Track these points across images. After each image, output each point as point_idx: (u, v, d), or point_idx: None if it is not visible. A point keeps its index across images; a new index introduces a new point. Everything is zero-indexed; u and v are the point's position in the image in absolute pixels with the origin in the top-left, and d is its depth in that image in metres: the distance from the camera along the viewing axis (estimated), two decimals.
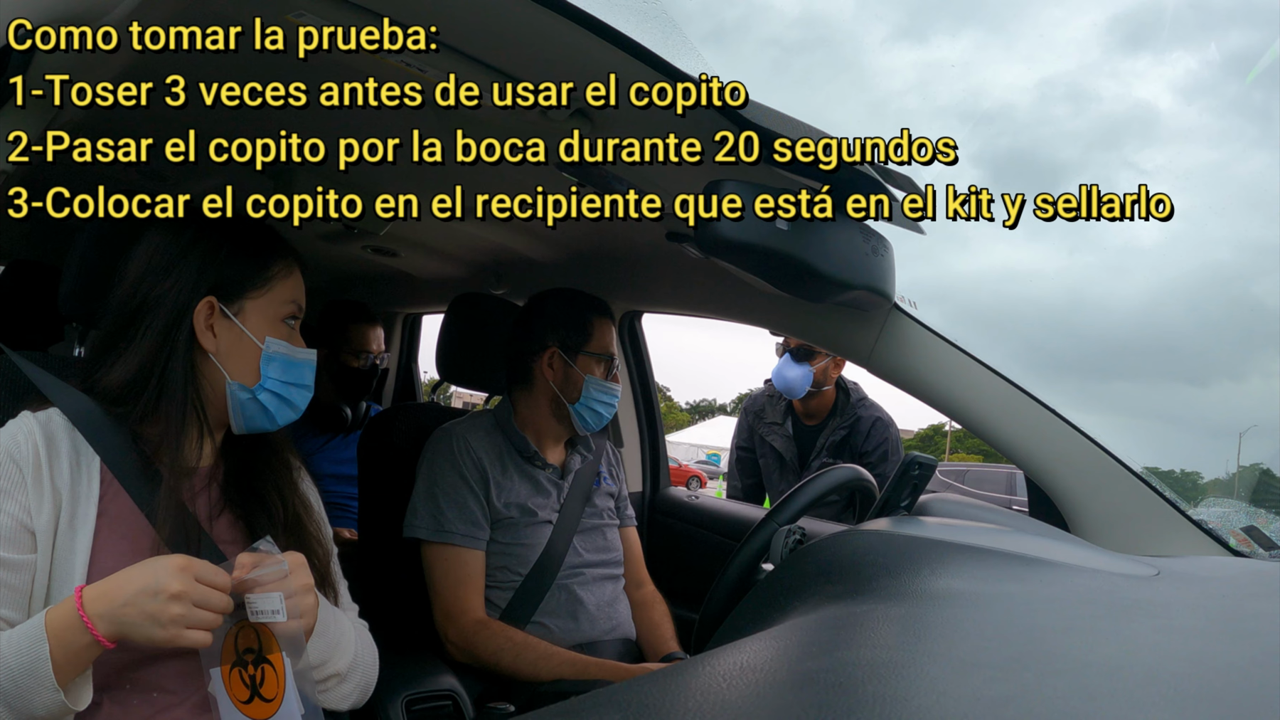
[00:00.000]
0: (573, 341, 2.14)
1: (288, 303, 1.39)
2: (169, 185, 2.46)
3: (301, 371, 1.39)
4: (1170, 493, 1.66)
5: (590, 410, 2.13)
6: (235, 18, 1.26)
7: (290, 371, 1.37)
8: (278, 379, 1.36)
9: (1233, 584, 1.21)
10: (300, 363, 1.39)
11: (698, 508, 2.85)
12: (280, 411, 1.37)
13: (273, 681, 1.15)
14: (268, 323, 1.37)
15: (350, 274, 3.80)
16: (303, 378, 1.39)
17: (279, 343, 1.37)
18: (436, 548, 2.01)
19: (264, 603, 1.14)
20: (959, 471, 15.00)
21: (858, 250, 1.57)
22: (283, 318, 1.39)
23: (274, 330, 1.37)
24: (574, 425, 2.15)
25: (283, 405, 1.37)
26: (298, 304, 1.41)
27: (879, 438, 3.44)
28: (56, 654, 1.07)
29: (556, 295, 2.23)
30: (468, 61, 1.35)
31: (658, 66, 1.25)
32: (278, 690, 1.15)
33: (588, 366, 2.13)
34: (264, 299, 1.37)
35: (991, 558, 1.13)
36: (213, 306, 1.34)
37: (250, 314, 1.36)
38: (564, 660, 1.92)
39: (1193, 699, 0.63)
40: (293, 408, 1.39)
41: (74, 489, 1.25)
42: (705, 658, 0.73)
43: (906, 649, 0.76)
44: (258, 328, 1.36)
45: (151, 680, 1.24)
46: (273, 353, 1.36)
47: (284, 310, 1.39)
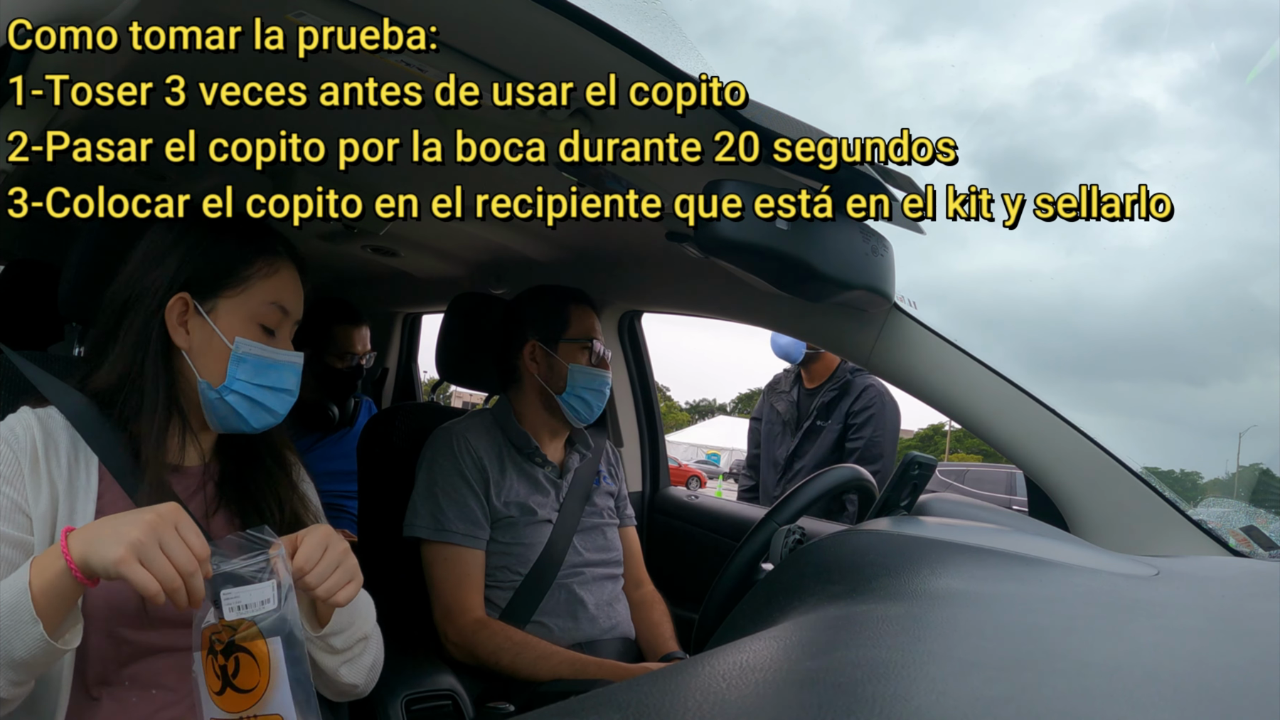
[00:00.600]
0: (551, 331, 2.15)
1: (266, 304, 1.35)
2: (169, 185, 2.46)
3: (279, 375, 1.35)
4: (1170, 492, 1.66)
5: (578, 399, 2.13)
6: (235, 18, 1.26)
7: (264, 374, 1.33)
8: (247, 380, 1.31)
9: (1232, 584, 1.21)
10: (278, 365, 1.35)
11: (697, 507, 2.85)
12: (254, 414, 1.33)
13: (251, 671, 1.09)
14: (240, 322, 1.33)
15: (350, 274, 3.80)
16: (281, 381, 1.35)
17: (249, 343, 1.32)
18: (436, 547, 2.01)
19: (249, 595, 1.09)
20: (959, 471, 14.99)
21: (857, 250, 1.57)
22: (260, 319, 1.34)
23: (247, 330, 1.33)
24: (566, 418, 2.15)
25: (256, 408, 1.33)
26: (280, 306, 1.36)
27: (867, 401, 3.55)
28: (34, 583, 1.04)
29: (532, 291, 2.25)
30: (468, 61, 1.35)
31: (658, 66, 1.25)
32: (259, 679, 1.09)
33: (570, 354, 2.14)
34: (239, 298, 1.34)
35: (991, 558, 1.13)
36: (186, 303, 1.32)
37: (223, 313, 1.33)
38: (563, 659, 1.92)
39: (1192, 699, 0.63)
40: (269, 411, 1.35)
41: (72, 484, 1.25)
42: (705, 658, 0.73)
43: (906, 649, 0.76)
44: (229, 327, 1.32)
45: (150, 677, 1.24)
46: (242, 353, 1.32)
47: (262, 311, 1.34)
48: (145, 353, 1.31)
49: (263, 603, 1.09)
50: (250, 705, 1.10)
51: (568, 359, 2.13)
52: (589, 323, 2.18)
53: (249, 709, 1.10)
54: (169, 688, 1.25)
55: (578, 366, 2.13)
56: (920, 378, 1.86)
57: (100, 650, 1.22)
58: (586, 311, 2.19)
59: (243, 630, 1.09)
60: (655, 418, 3.03)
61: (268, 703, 1.10)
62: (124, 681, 1.23)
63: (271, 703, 1.10)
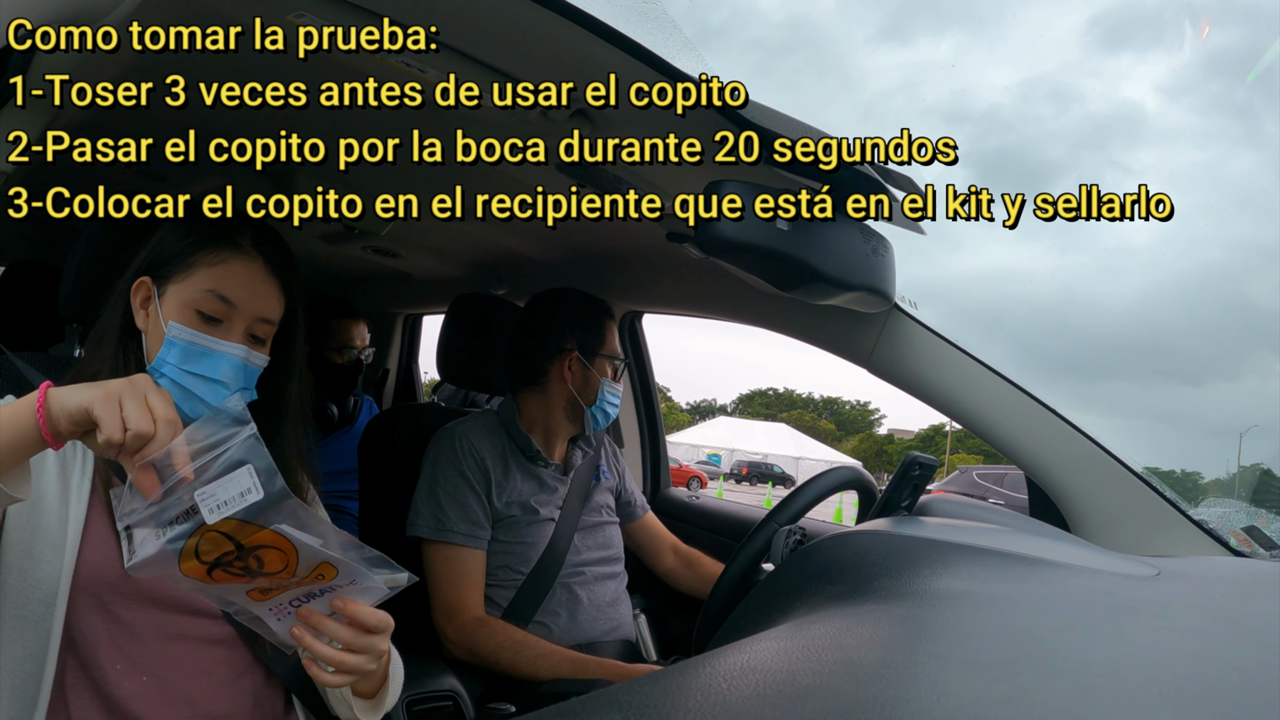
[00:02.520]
0: (590, 345, 2.17)
1: (204, 291, 1.30)
2: (169, 185, 2.46)
3: (212, 365, 1.29)
4: (1171, 492, 1.66)
5: (603, 412, 2.17)
6: (235, 18, 1.26)
7: (193, 361, 1.28)
8: (175, 365, 1.27)
9: (1233, 584, 1.21)
10: (211, 354, 1.29)
11: (699, 508, 2.85)
12: (186, 402, 1.27)
13: (273, 556, 0.99)
14: (178, 307, 1.30)
15: (351, 274, 3.80)
16: (213, 371, 1.29)
17: (181, 328, 1.28)
18: (437, 546, 2.01)
19: (226, 489, 0.96)
20: (998, 475, 14.48)
21: (858, 250, 1.57)
22: (197, 305, 1.30)
23: (183, 316, 1.29)
24: (585, 425, 2.18)
25: (188, 396, 1.27)
26: (221, 296, 1.31)
27: None
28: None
29: (568, 297, 2.25)
30: (468, 61, 1.35)
31: (658, 66, 1.25)
32: (286, 557, 0.99)
33: (602, 369, 2.17)
34: (183, 284, 1.31)
35: (992, 558, 1.13)
36: (148, 287, 1.32)
37: (169, 297, 1.31)
38: (564, 658, 1.92)
39: (1194, 699, 0.63)
40: (201, 401, 1.28)
41: (68, 460, 1.27)
42: (706, 658, 0.73)
43: (907, 649, 0.76)
44: (169, 311, 1.30)
45: (142, 662, 1.26)
46: (173, 337, 1.28)
47: (199, 298, 1.30)
48: (114, 334, 1.33)
49: (243, 494, 0.96)
50: (293, 574, 1.02)
51: (600, 373, 2.17)
52: (616, 339, 2.24)
53: (296, 579, 1.03)
54: (159, 675, 1.25)
55: (607, 381, 2.17)
56: (921, 378, 1.86)
57: (91, 629, 1.23)
58: (614, 327, 2.25)
59: (240, 533, 0.97)
60: (656, 418, 3.04)
61: (307, 563, 1.01)
62: (116, 665, 1.24)
63: (305, 559, 1.01)
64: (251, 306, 1.33)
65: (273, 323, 1.37)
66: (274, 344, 1.39)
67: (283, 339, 1.41)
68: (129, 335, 1.34)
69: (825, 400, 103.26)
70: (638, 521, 2.43)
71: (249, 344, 1.33)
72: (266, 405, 1.40)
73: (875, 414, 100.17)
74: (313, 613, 1.08)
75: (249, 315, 1.33)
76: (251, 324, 1.33)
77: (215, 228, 1.36)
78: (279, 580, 1.02)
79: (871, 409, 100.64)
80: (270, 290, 1.36)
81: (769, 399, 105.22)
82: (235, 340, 1.31)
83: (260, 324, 1.35)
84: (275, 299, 1.37)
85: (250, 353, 1.32)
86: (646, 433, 3.02)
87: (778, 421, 69.12)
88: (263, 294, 1.35)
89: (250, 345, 1.33)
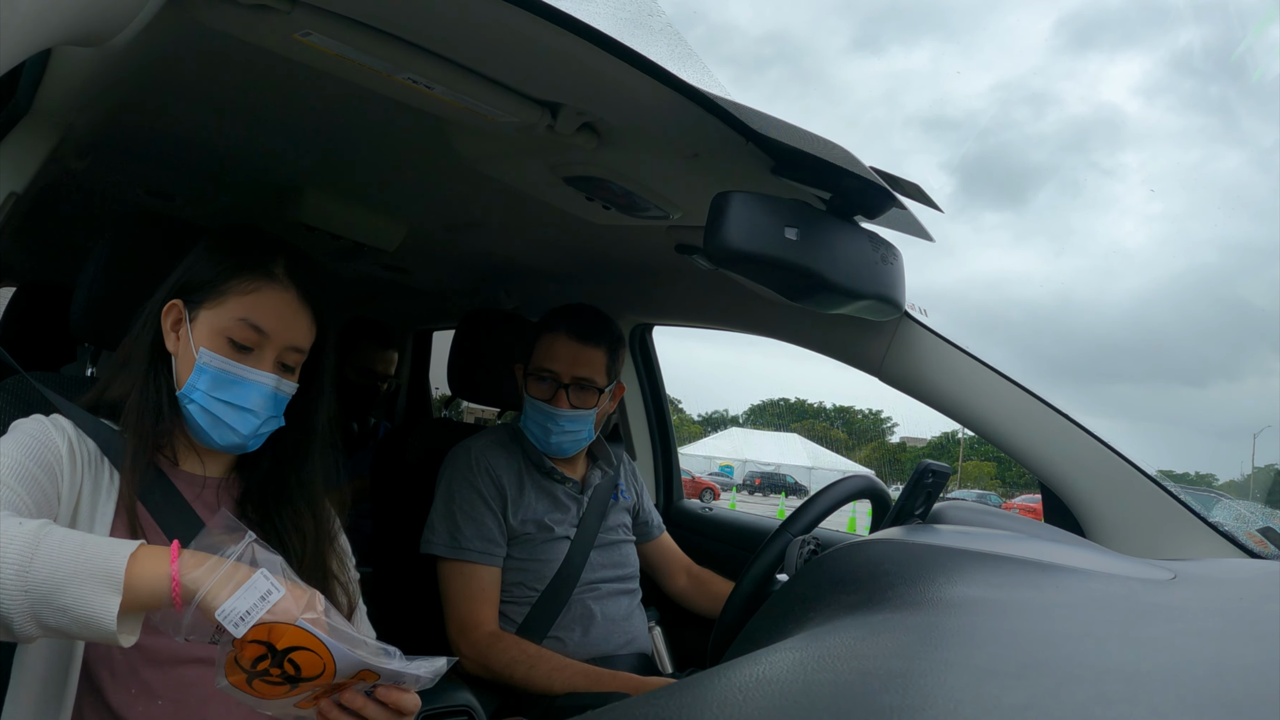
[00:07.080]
0: (526, 356, 2.14)
1: (237, 320, 1.30)
2: (177, 205, 2.48)
3: (242, 393, 1.30)
4: (1185, 495, 1.65)
5: (530, 431, 2.12)
6: (242, 38, 1.27)
7: (224, 389, 1.29)
8: (205, 392, 1.28)
9: (1250, 586, 1.20)
10: (241, 382, 1.30)
11: (712, 519, 2.85)
12: (215, 429, 1.30)
13: (308, 658, 0.96)
14: (210, 334, 1.30)
15: (362, 292, 3.81)
16: (244, 400, 1.30)
17: (212, 355, 1.29)
18: (452, 564, 2.01)
19: (242, 600, 0.95)
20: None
21: (867, 259, 1.56)
22: (229, 333, 1.30)
23: (214, 343, 1.29)
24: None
25: (217, 424, 1.29)
26: (253, 325, 1.30)
27: None
28: (138, 558, 0.97)
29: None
30: (475, 78, 1.35)
31: (665, 80, 1.25)
32: (321, 658, 0.96)
33: (529, 384, 2.11)
34: (215, 310, 1.31)
35: (1007, 564, 1.13)
36: (179, 310, 1.32)
37: (200, 323, 1.31)
38: (578, 672, 1.91)
39: (1212, 703, 0.63)
40: (229, 429, 1.30)
41: (96, 482, 1.26)
42: (721, 670, 0.73)
43: (923, 658, 0.76)
44: (200, 337, 1.30)
45: (159, 688, 1.25)
46: (204, 364, 1.29)
47: (231, 326, 1.30)
48: (145, 355, 1.33)
49: (263, 597, 0.96)
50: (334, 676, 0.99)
51: (529, 390, 2.11)
52: (550, 352, 2.09)
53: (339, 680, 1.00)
54: (172, 699, 1.25)
55: (531, 400, 2.10)
56: (933, 386, 1.85)
57: (106, 653, 1.23)
58: (555, 340, 2.09)
59: (269, 636, 0.95)
60: (668, 430, 3.03)
61: (345, 670, 0.99)
62: (130, 689, 1.24)
63: (344, 663, 0.98)
64: (283, 335, 1.33)
65: (303, 351, 1.37)
66: (303, 371, 1.38)
67: (312, 366, 1.41)
68: (159, 357, 1.34)
69: (837, 409, 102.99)
70: (653, 542, 2.42)
71: (279, 372, 1.33)
72: (295, 432, 1.41)
73: (887, 422, 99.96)
74: (356, 695, 1.04)
75: (280, 344, 1.33)
76: (282, 353, 1.34)
77: (249, 255, 1.34)
78: (321, 684, 1.00)
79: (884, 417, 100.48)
80: (302, 319, 1.35)
81: (780, 409, 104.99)
82: (266, 369, 1.32)
83: (291, 353, 1.35)
84: (306, 328, 1.36)
85: (280, 381, 1.33)
86: (658, 445, 3.01)
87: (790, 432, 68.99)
88: (294, 323, 1.34)
89: (280, 374, 1.33)
